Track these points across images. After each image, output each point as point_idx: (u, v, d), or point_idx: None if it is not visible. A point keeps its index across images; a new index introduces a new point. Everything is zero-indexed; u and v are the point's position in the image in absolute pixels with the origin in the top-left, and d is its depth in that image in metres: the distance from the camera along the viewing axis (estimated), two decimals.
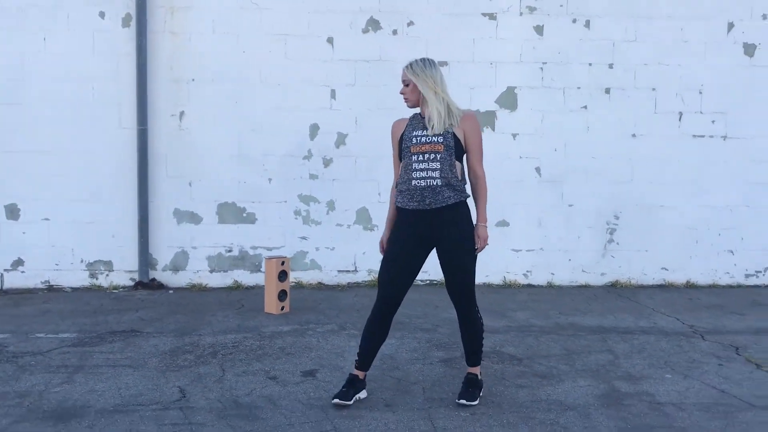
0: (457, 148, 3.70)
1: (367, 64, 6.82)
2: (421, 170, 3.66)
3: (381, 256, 3.85)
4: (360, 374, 3.86)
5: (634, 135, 6.94)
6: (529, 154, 6.94)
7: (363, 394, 3.87)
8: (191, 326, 5.39)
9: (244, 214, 6.85)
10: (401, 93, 3.82)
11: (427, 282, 6.84)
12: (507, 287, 6.91)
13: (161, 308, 5.96)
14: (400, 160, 3.80)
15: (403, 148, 3.75)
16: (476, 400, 3.79)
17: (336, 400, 3.74)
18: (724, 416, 3.72)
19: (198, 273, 6.86)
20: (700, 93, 6.94)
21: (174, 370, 4.36)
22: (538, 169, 6.93)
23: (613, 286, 6.95)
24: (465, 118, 3.75)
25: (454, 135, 3.70)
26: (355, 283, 6.90)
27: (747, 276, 7.09)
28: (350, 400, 3.76)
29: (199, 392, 3.98)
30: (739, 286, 7.03)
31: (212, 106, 6.76)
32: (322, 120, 6.83)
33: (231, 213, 6.84)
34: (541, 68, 6.87)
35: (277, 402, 3.85)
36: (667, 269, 7.05)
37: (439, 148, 3.65)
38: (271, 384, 4.13)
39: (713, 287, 6.99)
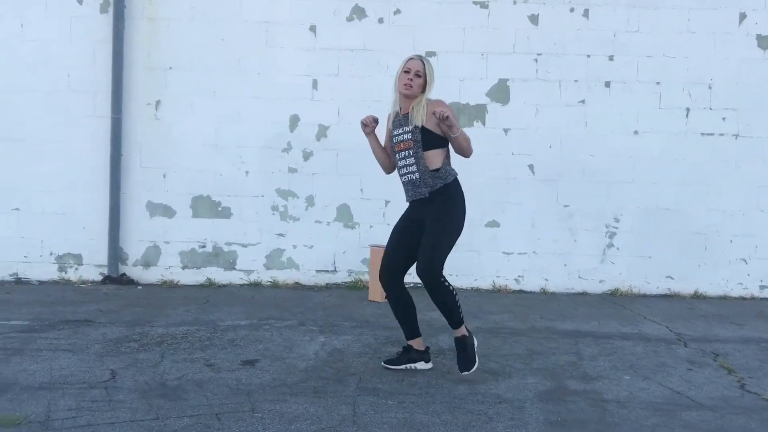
0: (425, 138, 4.27)
1: (351, 54, 7.12)
2: (403, 167, 4.37)
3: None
4: (412, 343, 4.51)
5: (636, 132, 7.08)
6: (522, 150, 7.12)
7: (421, 365, 4.48)
8: (146, 318, 5.71)
9: (219, 209, 7.18)
10: (409, 80, 4.27)
11: (411, 285, 7.04)
12: (496, 292, 7.08)
13: (123, 301, 6.30)
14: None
15: (392, 147, 4.44)
16: (473, 365, 4.30)
17: (384, 363, 4.50)
18: (665, 414, 3.86)
19: (170, 269, 7.20)
20: (710, 88, 7.05)
21: (113, 355, 4.67)
22: (531, 167, 7.11)
23: (613, 295, 7.06)
24: (432, 105, 4.23)
25: (422, 128, 4.25)
26: (334, 284, 7.15)
27: (762, 287, 7.13)
28: (397, 365, 4.47)
29: (130, 375, 4.27)
30: (753, 299, 7.08)
31: (189, 95, 7.13)
32: (302, 111, 7.14)
33: (206, 207, 7.18)
34: (536, 60, 7.07)
35: (204, 386, 4.12)
36: (672, 278, 7.14)
37: (410, 144, 4.28)
38: (205, 370, 4.40)
39: (724, 299, 7.04)
